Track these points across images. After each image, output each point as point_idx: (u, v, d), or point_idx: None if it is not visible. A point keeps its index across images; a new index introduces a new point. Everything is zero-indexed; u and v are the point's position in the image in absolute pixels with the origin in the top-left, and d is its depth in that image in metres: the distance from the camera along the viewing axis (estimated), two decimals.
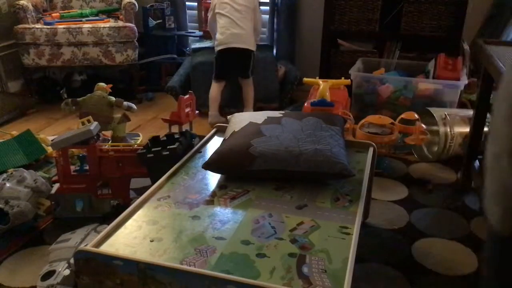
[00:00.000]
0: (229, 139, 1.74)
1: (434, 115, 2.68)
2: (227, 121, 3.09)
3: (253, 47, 3.19)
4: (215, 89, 3.24)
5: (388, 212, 2.20)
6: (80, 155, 2.22)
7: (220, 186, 1.61)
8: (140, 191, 2.27)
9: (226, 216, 1.42)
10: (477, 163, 2.32)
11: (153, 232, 1.34)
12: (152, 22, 3.93)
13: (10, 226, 1.91)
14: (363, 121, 2.56)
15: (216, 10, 3.19)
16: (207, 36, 3.78)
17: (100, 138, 2.59)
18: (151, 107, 3.65)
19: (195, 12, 4.19)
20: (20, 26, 3.43)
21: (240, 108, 3.26)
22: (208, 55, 3.43)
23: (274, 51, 3.81)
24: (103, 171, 2.11)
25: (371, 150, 1.90)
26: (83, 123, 2.33)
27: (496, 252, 0.86)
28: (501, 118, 0.76)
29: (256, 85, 3.42)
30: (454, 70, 3.07)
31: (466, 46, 3.24)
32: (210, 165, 1.65)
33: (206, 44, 3.71)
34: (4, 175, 2.03)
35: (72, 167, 2.16)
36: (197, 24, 4.20)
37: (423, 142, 2.54)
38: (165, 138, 2.06)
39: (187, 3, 4.12)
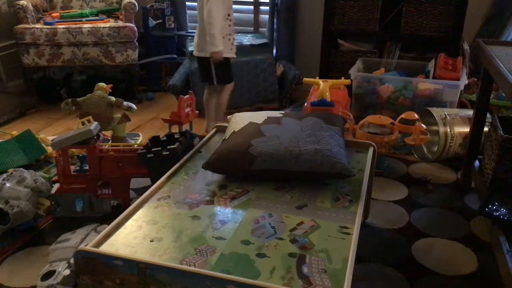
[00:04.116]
0: (229, 139, 1.74)
1: (434, 115, 2.67)
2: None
3: (206, 54, 2.76)
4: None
5: (388, 212, 2.20)
6: (80, 155, 2.22)
7: (220, 186, 1.61)
8: (140, 191, 2.27)
9: (226, 216, 1.42)
10: (477, 163, 2.31)
11: (153, 232, 1.34)
12: (152, 22, 3.94)
13: (10, 226, 1.91)
14: (363, 121, 2.56)
15: None
16: None
17: (100, 138, 2.59)
18: (151, 107, 3.65)
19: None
20: (20, 26, 3.43)
21: (239, 107, 3.27)
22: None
23: (274, 51, 3.82)
24: (103, 171, 2.11)
25: (371, 150, 1.90)
26: (83, 123, 2.33)
27: None
28: None
29: (256, 86, 3.42)
30: (454, 70, 3.07)
31: (466, 46, 3.24)
32: (210, 165, 1.65)
33: None
34: (4, 175, 2.03)
35: (72, 167, 2.16)
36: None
37: (423, 142, 2.54)
38: (165, 138, 2.06)
39: (187, 3, 4.12)
